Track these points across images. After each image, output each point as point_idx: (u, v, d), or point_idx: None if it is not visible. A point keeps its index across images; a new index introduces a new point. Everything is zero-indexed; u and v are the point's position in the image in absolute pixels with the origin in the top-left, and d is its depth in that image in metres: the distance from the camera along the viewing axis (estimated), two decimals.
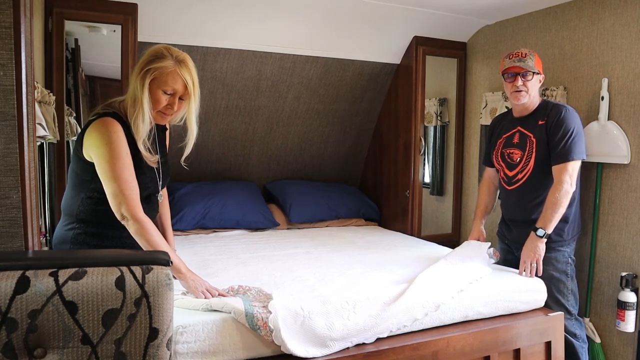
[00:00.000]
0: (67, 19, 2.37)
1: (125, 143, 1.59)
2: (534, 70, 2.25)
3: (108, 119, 1.59)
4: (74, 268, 0.84)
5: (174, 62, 1.60)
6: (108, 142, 1.55)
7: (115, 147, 1.55)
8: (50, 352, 0.81)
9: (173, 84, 1.61)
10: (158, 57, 1.60)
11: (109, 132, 1.56)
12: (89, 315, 0.82)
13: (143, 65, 1.60)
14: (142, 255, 0.96)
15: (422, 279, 2.01)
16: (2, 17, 1.18)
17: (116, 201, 1.55)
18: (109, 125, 1.57)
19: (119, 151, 1.56)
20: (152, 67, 1.59)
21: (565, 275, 2.30)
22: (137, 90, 1.59)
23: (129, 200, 1.55)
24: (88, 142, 1.59)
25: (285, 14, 2.83)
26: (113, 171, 1.54)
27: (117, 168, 1.55)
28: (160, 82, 1.60)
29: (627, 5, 2.42)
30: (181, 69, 1.61)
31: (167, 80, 1.60)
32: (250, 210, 3.25)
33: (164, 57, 1.60)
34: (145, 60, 1.61)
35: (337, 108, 3.57)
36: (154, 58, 1.60)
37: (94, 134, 1.57)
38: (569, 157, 2.18)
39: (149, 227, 1.59)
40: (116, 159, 1.55)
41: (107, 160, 1.55)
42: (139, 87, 1.59)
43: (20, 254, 1.11)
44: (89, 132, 1.59)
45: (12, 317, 0.79)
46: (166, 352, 0.89)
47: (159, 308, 0.87)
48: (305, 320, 1.71)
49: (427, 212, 3.44)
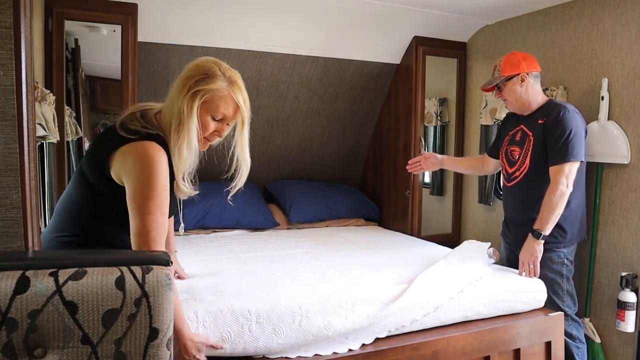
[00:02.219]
0: (67, 19, 2.37)
1: (168, 176, 1.36)
2: (499, 81, 2.31)
3: (154, 145, 1.35)
4: (74, 268, 0.84)
5: (227, 83, 1.40)
6: (150, 176, 1.32)
7: (156, 182, 1.32)
8: (50, 352, 0.82)
9: (225, 110, 1.42)
10: (209, 75, 1.39)
11: (153, 163, 1.32)
12: (89, 315, 0.83)
13: (192, 84, 1.37)
14: (142, 256, 0.96)
15: (421, 279, 2.01)
16: (2, 17, 1.18)
17: (140, 240, 1.32)
18: (154, 154, 1.33)
19: (160, 187, 1.33)
20: (203, 88, 1.37)
21: (560, 276, 2.30)
22: (184, 114, 1.36)
23: (154, 243, 1.32)
24: (124, 164, 1.34)
25: (285, 14, 2.83)
26: (147, 207, 1.31)
27: (152, 205, 1.31)
28: (211, 106, 1.40)
29: (627, 5, 2.42)
30: (235, 92, 1.41)
31: (219, 105, 1.40)
32: (250, 210, 3.25)
33: (215, 76, 1.39)
34: (194, 77, 1.39)
35: (337, 108, 3.57)
36: (205, 77, 1.38)
37: (134, 158, 1.34)
38: (565, 158, 2.18)
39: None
40: (155, 195, 1.32)
41: (143, 194, 1.31)
42: (187, 111, 1.36)
43: (20, 254, 1.11)
44: (128, 153, 1.34)
45: (12, 317, 0.79)
46: (166, 352, 0.89)
47: (159, 308, 0.87)
48: (303, 319, 1.72)
49: (427, 212, 3.44)
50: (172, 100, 1.41)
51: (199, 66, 1.41)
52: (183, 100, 1.37)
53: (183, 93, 1.38)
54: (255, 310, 1.69)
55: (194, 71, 1.40)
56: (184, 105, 1.37)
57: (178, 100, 1.38)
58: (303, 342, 1.73)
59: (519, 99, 2.32)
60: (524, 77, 2.29)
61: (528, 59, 2.32)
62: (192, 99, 1.37)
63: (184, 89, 1.38)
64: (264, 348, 1.68)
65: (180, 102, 1.37)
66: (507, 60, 2.32)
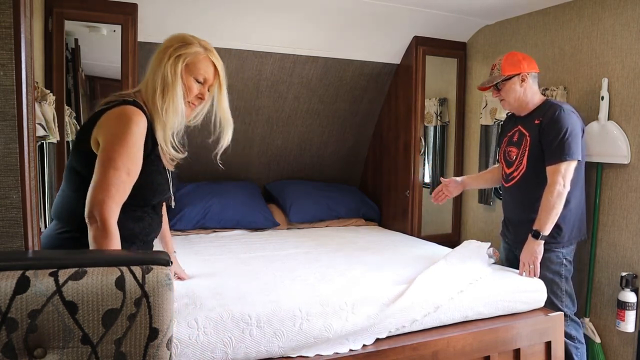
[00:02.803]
0: (67, 19, 2.37)
1: (142, 137, 1.39)
2: (499, 80, 2.30)
3: (132, 107, 1.39)
4: (74, 268, 0.84)
5: (203, 49, 1.50)
6: (124, 132, 1.34)
7: (129, 139, 1.34)
8: (50, 352, 0.81)
9: (206, 71, 1.50)
10: (186, 43, 1.48)
11: (128, 121, 1.36)
12: (89, 315, 0.82)
13: (172, 52, 1.46)
14: (142, 256, 0.96)
15: (421, 279, 2.01)
16: (2, 17, 1.18)
17: (96, 193, 1.30)
18: (131, 114, 1.37)
19: (133, 143, 1.35)
20: (184, 52, 1.46)
21: (558, 276, 2.30)
22: (169, 78, 1.44)
23: (111, 200, 1.31)
24: (101, 127, 1.37)
25: (285, 14, 2.83)
26: (114, 162, 1.32)
27: (119, 161, 1.32)
28: (193, 69, 1.48)
29: (627, 5, 2.42)
30: (212, 56, 1.52)
31: (200, 68, 1.49)
32: (250, 210, 3.25)
33: (192, 43, 1.49)
34: (172, 46, 1.47)
35: (337, 108, 3.57)
36: (182, 44, 1.48)
37: (112, 119, 1.37)
38: (561, 157, 2.17)
39: (116, 240, 1.32)
40: (125, 152, 1.33)
41: (114, 148, 1.33)
42: (171, 75, 1.44)
43: (20, 254, 1.11)
44: (106, 116, 1.38)
45: (12, 317, 0.79)
46: (166, 352, 0.89)
47: (159, 308, 0.87)
48: (304, 322, 1.72)
49: (427, 212, 3.44)
50: (153, 71, 1.48)
51: (174, 37, 1.51)
52: (166, 66, 1.45)
53: (165, 60, 1.46)
54: (256, 315, 1.69)
55: (171, 42, 1.50)
56: (167, 71, 1.44)
57: (160, 68, 1.45)
58: (304, 345, 1.73)
59: (517, 99, 2.32)
60: (525, 76, 2.29)
61: (527, 59, 2.33)
62: (175, 63, 1.45)
63: (164, 57, 1.46)
64: (265, 352, 1.68)
65: (164, 69, 1.45)
66: (507, 59, 2.32)
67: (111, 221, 1.31)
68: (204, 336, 1.60)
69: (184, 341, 1.56)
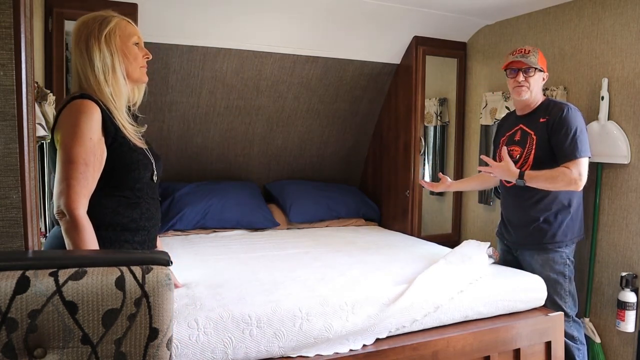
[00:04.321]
0: (67, 19, 2.37)
1: (97, 127, 1.40)
2: (536, 66, 2.26)
3: (86, 101, 1.41)
4: (74, 268, 0.84)
5: (117, 16, 1.51)
6: (76, 125, 1.36)
7: (81, 129, 1.36)
8: (50, 352, 0.81)
9: (135, 32, 1.52)
10: (105, 18, 1.47)
11: (80, 115, 1.38)
12: (89, 315, 0.82)
13: (97, 35, 1.44)
14: (142, 256, 0.96)
15: (421, 279, 2.01)
16: (2, 17, 1.18)
17: (58, 190, 1.34)
18: (80, 107, 1.39)
19: (85, 134, 1.36)
20: (109, 28, 1.46)
21: (562, 277, 2.29)
22: (108, 59, 1.44)
23: (73, 191, 1.33)
24: (57, 127, 1.42)
25: (285, 14, 2.83)
26: (70, 156, 1.34)
27: (74, 153, 1.35)
28: (126, 36, 1.49)
29: (627, 5, 2.42)
30: (124, 18, 1.52)
31: (130, 31, 1.50)
32: (250, 210, 3.25)
33: (107, 16, 1.48)
34: (94, 31, 1.45)
35: (337, 108, 3.57)
36: (100, 23, 1.46)
37: (64, 117, 1.40)
38: (576, 154, 2.16)
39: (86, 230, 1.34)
40: (78, 144, 1.35)
41: (68, 143, 1.36)
42: (108, 53, 1.44)
43: (20, 254, 1.11)
44: (61, 115, 1.42)
45: (12, 317, 0.79)
46: (166, 352, 0.89)
47: (159, 308, 0.87)
48: (304, 322, 1.72)
49: (427, 212, 3.45)
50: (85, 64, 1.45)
51: (84, 23, 1.48)
52: (103, 51, 1.44)
53: (96, 46, 1.44)
54: (256, 315, 1.69)
55: (87, 28, 1.46)
56: (105, 54, 1.44)
57: (95, 55, 1.44)
58: (304, 345, 1.73)
59: (536, 93, 2.32)
60: (546, 77, 2.34)
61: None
62: (109, 42, 1.45)
63: (93, 44, 1.44)
64: (266, 352, 1.68)
65: (102, 54, 1.44)
66: (541, 54, 2.31)
67: (78, 212, 1.34)
68: (204, 336, 1.60)
69: (184, 341, 1.56)
